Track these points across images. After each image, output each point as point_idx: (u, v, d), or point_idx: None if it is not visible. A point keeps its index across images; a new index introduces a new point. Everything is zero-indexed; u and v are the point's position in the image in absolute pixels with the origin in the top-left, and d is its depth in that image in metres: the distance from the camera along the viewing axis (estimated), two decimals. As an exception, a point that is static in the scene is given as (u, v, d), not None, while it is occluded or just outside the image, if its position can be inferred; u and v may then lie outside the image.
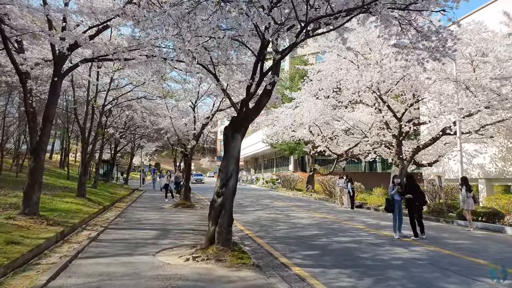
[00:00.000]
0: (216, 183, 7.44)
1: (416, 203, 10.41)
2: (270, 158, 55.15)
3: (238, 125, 7.40)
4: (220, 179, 7.30)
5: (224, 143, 7.44)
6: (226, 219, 7.20)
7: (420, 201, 10.58)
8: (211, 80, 15.98)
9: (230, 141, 7.35)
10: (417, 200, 10.43)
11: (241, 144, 7.51)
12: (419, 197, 10.56)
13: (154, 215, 13.81)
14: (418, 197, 10.48)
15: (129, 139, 32.40)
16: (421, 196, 10.71)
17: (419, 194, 10.62)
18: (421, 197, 10.68)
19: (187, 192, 17.45)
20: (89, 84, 16.64)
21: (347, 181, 18.89)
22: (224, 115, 20.25)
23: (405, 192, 10.56)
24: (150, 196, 24.80)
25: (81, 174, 16.69)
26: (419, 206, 10.56)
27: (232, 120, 7.52)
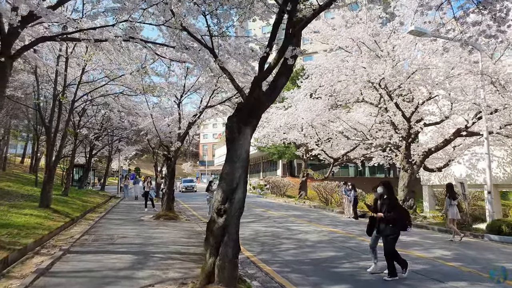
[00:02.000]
0: (215, 195, 5.28)
1: (388, 234, 6.69)
2: (256, 162, 53.06)
3: (247, 115, 5.27)
4: (222, 191, 5.15)
5: (228, 140, 5.30)
6: (231, 248, 5.05)
7: (395, 225, 6.68)
8: (200, 70, 13.83)
9: (235, 137, 5.22)
10: (390, 223, 6.67)
11: (250, 141, 5.38)
12: (395, 219, 6.66)
13: (131, 230, 11.47)
14: (391, 220, 6.66)
15: (106, 141, 29.74)
16: (399, 217, 6.72)
17: (397, 215, 6.70)
18: (397, 220, 6.68)
19: (170, 201, 15.14)
20: (57, 74, 14.19)
21: (350, 188, 16.94)
22: (212, 114, 18.05)
23: (375, 207, 7.05)
24: (128, 204, 22.30)
25: (45, 181, 14.20)
26: (392, 233, 6.70)
27: (238, 109, 5.39)
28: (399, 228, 6.72)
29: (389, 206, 6.73)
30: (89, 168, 30.31)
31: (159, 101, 17.39)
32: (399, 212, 6.80)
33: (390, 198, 6.87)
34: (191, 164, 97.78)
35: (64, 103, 15.26)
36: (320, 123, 21.36)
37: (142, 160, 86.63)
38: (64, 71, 14.26)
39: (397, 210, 6.79)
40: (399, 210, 6.86)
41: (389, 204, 6.75)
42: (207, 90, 15.65)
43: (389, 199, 6.84)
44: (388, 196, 6.87)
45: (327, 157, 23.98)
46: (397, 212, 6.75)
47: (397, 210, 6.79)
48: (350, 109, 23.24)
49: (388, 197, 6.87)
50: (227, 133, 5.24)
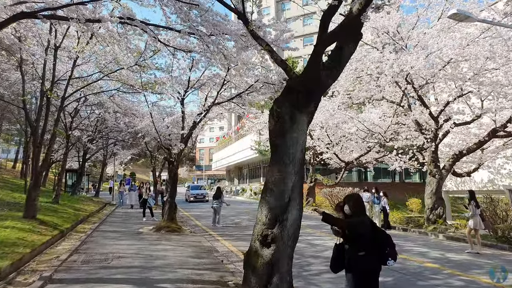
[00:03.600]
0: (258, 214, 3.61)
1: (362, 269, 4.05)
2: (256, 167, 51.30)
3: (304, 98, 3.63)
4: (268, 208, 3.50)
5: (274, 133, 3.67)
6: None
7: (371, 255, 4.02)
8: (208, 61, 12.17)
9: (287, 129, 3.58)
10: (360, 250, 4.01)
11: (306, 136, 3.73)
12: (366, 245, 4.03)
13: (128, 247, 9.75)
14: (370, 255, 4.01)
15: (100, 145, 27.93)
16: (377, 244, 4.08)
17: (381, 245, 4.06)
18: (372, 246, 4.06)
19: (172, 211, 13.42)
20: (45, 67, 12.49)
21: (381, 195, 15.31)
22: (216, 113, 16.36)
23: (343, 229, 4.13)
24: (123, 213, 20.51)
25: (30, 188, 12.47)
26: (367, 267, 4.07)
27: (289, 89, 3.74)
28: (376, 261, 4.07)
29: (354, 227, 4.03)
30: (82, 173, 28.50)
31: (160, 98, 15.67)
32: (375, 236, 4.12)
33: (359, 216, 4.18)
34: (187, 168, 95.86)
35: (53, 100, 13.54)
36: (333, 124, 19.76)
37: (138, 165, 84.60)
38: (52, 63, 12.57)
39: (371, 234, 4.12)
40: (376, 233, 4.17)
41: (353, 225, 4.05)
42: (213, 86, 14.02)
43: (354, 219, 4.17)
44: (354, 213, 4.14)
45: (338, 161, 22.35)
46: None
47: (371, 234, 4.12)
48: (362, 110, 21.71)
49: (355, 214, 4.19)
50: (274, 123, 3.60)
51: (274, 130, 3.59)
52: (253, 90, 12.07)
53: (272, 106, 3.64)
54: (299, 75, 3.73)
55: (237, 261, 8.59)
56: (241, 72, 10.46)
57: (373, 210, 16.22)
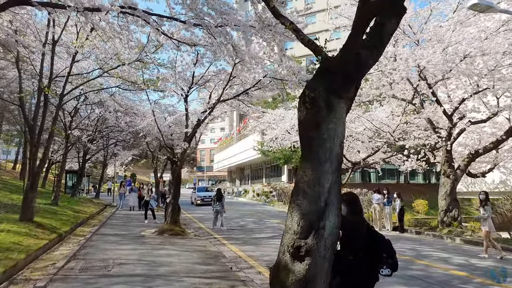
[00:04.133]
0: (288, 221, 3.01)
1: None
2: (258, 167, 50.72)
3: (342, 80, 3.03)
4: (300, 213, 2.90)
5: (306, 124, 3.07)
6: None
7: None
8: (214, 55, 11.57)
9: (323, 118, 2.98)
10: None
11: (345, 126, 3.14)
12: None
13: (130, 252, 9.14)
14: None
15: (101, 145, 27.35)
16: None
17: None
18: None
19: (175, 213, 12.82)
20: (43, 61, 11.90)
21: (395, 196, 14.73)
22: (221, 112, 15.79)
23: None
24: (124, 215, 19.91)
25: (27, 189, 11.90)
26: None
27: (322, 70, 3.13)
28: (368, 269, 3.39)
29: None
30: (82, 174, 27.91)
31: (162, 96, 15.05)
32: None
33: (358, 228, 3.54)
34: (188, 170, 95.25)
35: (51, 97, 12.97)
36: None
37: (138, 166, 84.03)
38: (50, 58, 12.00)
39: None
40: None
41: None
42: (218, 83, 13.45)
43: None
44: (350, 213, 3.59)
45: (344, 161, 21.72)
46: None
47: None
48: (369, 109, 21.13)
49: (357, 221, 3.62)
50: (305, 112, 3.01)
51: (306, 120, 2.99)
52: (261, 86, 11.49)
53: (303, 92, 3.05)
54: (335, 56, 3.13)
55: (247, 267, 8.01)
56: (249, 65, 9.86)
57: (383, 212, 15.61)
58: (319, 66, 3.14)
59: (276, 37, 8.80)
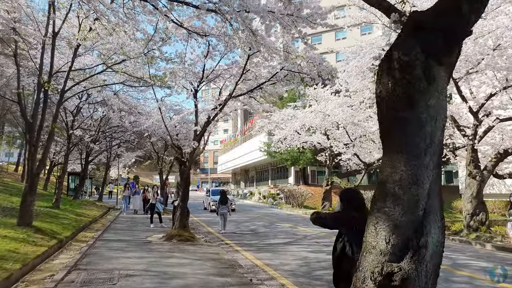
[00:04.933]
0: (371, 236, 2.15)
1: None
2: (264, 169, 49.85)
3: (442, 39, 2.16)
4: (392, 225, 2.05)
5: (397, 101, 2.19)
6: None
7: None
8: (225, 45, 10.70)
9: (421, 90, 2.12)
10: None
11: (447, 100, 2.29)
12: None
13: (137, 262, 8.29)
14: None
15: (104, 146, 26.55)
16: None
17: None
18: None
19: (184, 217, 11.97)
20: (43, 55, 11.10)
21: None
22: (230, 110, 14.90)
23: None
24: (128, 218, 19.08)
25: (25, 191, 11.08)
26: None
27: (415, 26, 2.26)
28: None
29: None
30: (85, 176, 27.13)
31: (169, 93, 14.18)
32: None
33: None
34: (191, 171, 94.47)
35: (51, 94, 12.17)
36: (352, 122, 18.30)
37: (141, 168, 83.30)
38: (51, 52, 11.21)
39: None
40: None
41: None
42: (229, 78, 12.62)
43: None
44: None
45: (358, 162, 20.87)
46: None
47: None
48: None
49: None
50: (393, 84, 2.16)
51: (395, 95, 2.14)
52: (277, 79, 10.64)
53: (388, 56, 2.21)
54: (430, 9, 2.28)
55: (267, 279, 7.15)
56: (266, 55, 9.02)
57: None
58: (407, 22, 2.28)
59: (298, 24, 7.98)
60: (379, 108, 2.30)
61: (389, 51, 2.22)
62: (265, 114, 16.93)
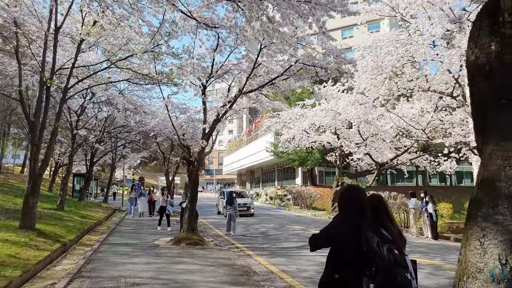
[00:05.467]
0: (472, 254, 1.59)
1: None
2: (270, 170, 49.25)
3: None
4: (505, 239, 1.45)
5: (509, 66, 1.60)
6: None
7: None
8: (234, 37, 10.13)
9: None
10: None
11: None
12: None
13: (144, 268, 7.74)
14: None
15: (109, 147, 26.09)
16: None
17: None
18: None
19: (192, 220, 11.42)
20: (45, 51, 10.63)
21: (428, 199, 13.22)
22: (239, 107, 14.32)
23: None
24: (135, 220, 18.57)
25: (27, 193, 10.59)
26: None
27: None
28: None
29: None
30: (90, 177, 26.69)
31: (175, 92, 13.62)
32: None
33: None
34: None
35: (54, 91, 11.68)
36: (365, 120, 17.67)
37: (146, 169, 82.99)
38: (53, 48, 10.72)
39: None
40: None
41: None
42: (238, 75, 12.08)
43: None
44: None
45: (370, 162, 20.23)
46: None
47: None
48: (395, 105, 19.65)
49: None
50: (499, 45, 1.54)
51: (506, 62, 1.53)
52: (290, 74, 10.06)
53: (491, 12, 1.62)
54: None
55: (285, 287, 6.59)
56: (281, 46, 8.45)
57: (422, 218, 14.08)
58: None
59: (315, 11, 7.41)
60: (472, 79, 1.72)
61: (488, 3, 1.64)
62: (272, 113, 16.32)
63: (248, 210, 22.00)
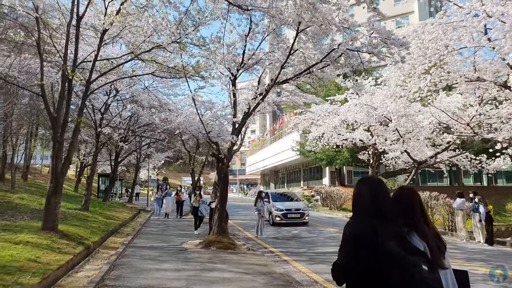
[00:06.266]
0: None
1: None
2: (295, 170, 48.15)
3: None
4: None
5: None
6: None
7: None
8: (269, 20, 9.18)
9: None
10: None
11: None
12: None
13: (174, 276, 6.91)
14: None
15: (133, 146, 25.65)
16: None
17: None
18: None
19: (222, 221, 10.57)
20: (67, 43, 10.02)
21: (479, 200, 11.97)
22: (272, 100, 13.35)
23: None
24: (161, 221, 17.93)
25: (49, 193, 10.01)
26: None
27: None
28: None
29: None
30: (114, 177, 26.34)
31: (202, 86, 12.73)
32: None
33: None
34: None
35: (76, 84, 11.08)
36: (404, 114, 16.43)
37: (169, 169, 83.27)
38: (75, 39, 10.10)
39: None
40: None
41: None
42: (269, 65, 11.14)
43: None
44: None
45: (407, 160, 18.93)
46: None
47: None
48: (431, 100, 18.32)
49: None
50: None
51: None
52: (330, 60, 9.07)
53: None
54: None
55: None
56: (324, 27, 7.49)
57: (473, 221, 12.80)
58: None
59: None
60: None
61: None
62: (303, 108, 15.31)
63: (302, 218, 16.91)
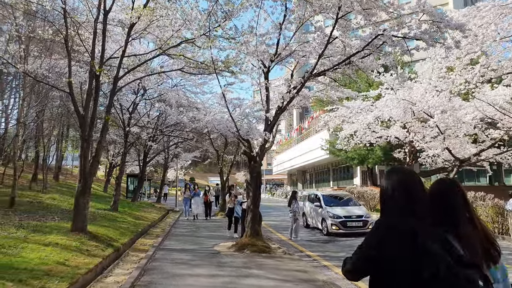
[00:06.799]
0: None
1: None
2: (324, 169, 47.06)
3: None
4: None
5: None
6: None
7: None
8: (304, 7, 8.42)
9: None
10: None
11: None
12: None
13: (207, 284, 6.35)
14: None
15: (161, 146, 25.48)
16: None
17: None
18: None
19: (256, 223, 9.97)
20: (94, 40, 9.69)
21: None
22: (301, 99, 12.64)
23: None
24: (190, 222, 17.53)
25: (78, 193, 9.73)
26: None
27: None
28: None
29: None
30: (143, 177, 26.26)
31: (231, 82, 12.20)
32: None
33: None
34: (245, 173, 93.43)
35: (104, 83, 10.76)
36: (450, 108, 15.36)
37: (196, 170, 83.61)
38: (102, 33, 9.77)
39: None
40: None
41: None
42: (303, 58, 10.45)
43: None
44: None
45: (449, 158, 17.73)
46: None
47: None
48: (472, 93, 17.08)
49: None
50: None
51: None
52: (373, 49, 8.30)
53: None
54: None
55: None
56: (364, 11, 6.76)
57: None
58: None
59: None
60: None
61: None
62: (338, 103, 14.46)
63: (365, 227, 13.56)
